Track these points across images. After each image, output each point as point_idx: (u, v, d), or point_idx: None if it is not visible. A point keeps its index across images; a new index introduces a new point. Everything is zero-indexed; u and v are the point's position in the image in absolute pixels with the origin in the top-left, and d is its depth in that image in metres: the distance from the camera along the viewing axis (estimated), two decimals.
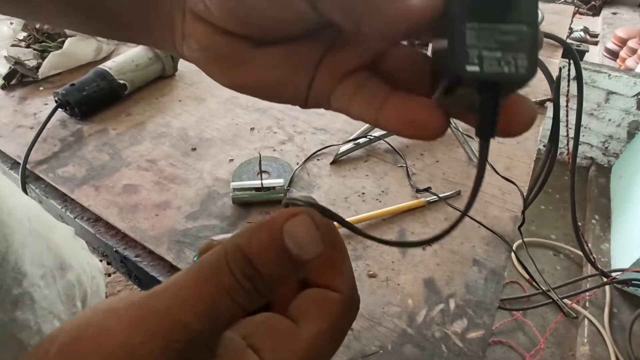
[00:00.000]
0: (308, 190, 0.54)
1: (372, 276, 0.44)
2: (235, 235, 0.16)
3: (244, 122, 0.65)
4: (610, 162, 1.99)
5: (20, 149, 0.59)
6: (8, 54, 0.72)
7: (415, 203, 0.51)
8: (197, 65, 0.21)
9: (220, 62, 0.20)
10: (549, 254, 1.65)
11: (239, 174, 0.56)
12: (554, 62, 0.83)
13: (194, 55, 0.21)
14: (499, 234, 0.49)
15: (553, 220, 1.79)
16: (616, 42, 2.34)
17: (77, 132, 0.63)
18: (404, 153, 0.61)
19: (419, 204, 0.51)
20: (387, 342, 0.39)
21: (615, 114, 1.87)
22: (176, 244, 0.47)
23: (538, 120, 0.69)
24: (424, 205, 0.52)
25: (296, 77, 0.20)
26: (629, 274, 1.29)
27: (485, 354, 0.38)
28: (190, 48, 0.21)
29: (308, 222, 0.16)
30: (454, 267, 0.45)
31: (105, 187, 0.54)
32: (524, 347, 1.32)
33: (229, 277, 0.14)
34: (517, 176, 0.56)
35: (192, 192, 0.53)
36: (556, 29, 0.95)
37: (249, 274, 0.15)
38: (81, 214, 0.51)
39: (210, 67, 0.20)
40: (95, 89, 0.65)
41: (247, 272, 0.15)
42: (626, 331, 1.26)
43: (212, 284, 0.14)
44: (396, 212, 0.51)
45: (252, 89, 0.20)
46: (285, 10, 0.17)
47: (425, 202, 0.52)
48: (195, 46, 0.20)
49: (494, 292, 0.43)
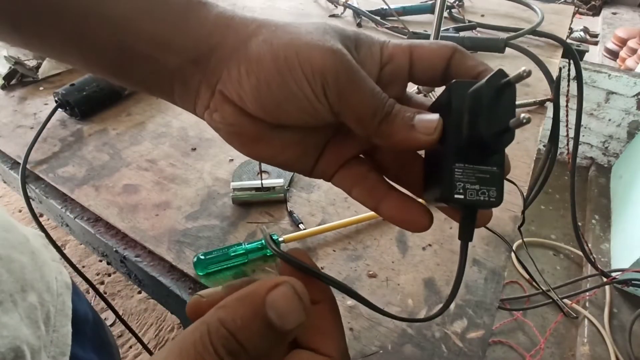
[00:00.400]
0: (308, 190, 0.54)
1: (372, 276, 0.44)
2: (218, 308, 0.16)
3: None
4: (610, 162, 1.99)
5: (20, 149, 0.59)
6: (8, 54, 0.72)
7: None
8: (217, 133, 0.24)
9: (241, 137, 0.23)
10: (549, 254, 1.65)
11: (239, 174, 0.56)
12: (554, 62, 0.83)
13: (216, 125, 0.24)
14: (499, 234, 0.49)
15: (553, 220, 1.79)
16: (616, 42, 2.34)
17: (77, 132, 0.63)
18: None
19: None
20: (387, 342, 0.39)
21: (615, 114, 1.87)
22: (176, 244, 0.47)
23: (538, 120, 0.69)
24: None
25: (304, 157, 0.24)
26: (629, 274, 1.29)
27: (485, 354, 0.38)
28: (213, 120, 0.23)
29: (289, 293, 0.16)
30: (454, 267, 0.45)
31: (105, 187, 0.54)
32: (524, 347, 1.32)
33: (213, 357, 0.14)
34: (517, 176, 0.56)
35: (192, 192, 0.53)
36: (556, 29, 0.95)
37: (234, 349, 0.15)
38: (81, 214, 0.51)
39: (231, 139, 0.24)
40: (95, 89, 0.65)
41: (231, 349, 0.15)
42: (626, 331, 1.26)
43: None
44: None
45: (266, 161, 0.24)
46: (313, 117, 0.21)
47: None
48: (219, 119, 0.23)
49: (494, 292, 0.43)
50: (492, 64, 0.88)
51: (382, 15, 1.01)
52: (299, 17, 1.05)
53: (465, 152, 0.19)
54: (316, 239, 0.48)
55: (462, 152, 0.19)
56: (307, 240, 0.48)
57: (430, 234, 0.49)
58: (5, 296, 0.28)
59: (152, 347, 1.34)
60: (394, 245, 0.47)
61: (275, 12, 1.07)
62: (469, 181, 0.19)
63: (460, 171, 0.19)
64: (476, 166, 0.19)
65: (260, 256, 0.44)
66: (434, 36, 0.58)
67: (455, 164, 0.19)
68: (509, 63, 0.84)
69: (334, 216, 0.50)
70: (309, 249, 0.47)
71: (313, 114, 0.21)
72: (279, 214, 0.51)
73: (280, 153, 0.24)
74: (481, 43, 0.85)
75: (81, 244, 0.53)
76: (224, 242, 0.47)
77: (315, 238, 0.48)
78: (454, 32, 0.91)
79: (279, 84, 0.20)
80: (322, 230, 0.47)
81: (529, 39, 0.91)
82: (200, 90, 0.23)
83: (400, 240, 0.48)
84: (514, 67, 0.83)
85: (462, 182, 0.19)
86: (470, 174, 0.19)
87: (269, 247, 0.23)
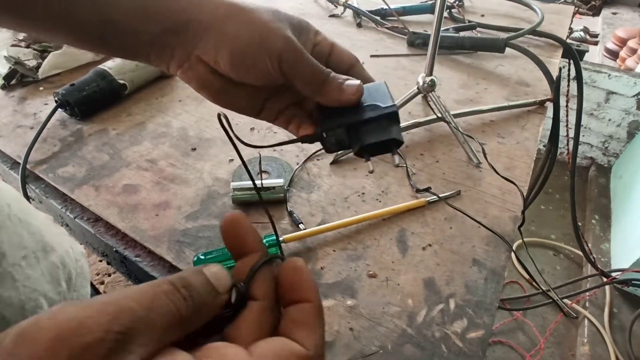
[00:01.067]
0: (308, 190, 0.54)
1: (372, 276, 0.44)
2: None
3: (244, 122, 0.65)
4: (610, 162, 1.99)
5: (20, 149, 0.59)
6: (8, 54, 0.72)
7: (415, 203, 0.51)
8: (189, 85, 0.31)
9: (207, 89, 0.31)
10: (549, 254, 1.65)
11: (239, 174, 0.56)
12: (554, 62, 0.83)
13: (189, 80, 0.31)
14: (499, 234, 0.49)
15: (553, 220, 1.79)
16: (616, 42, 2.34)
17: (77, 132, 0.63)
18: (404, 153, 0.61)
19: (419, 203, 0.51)
20: (387, 342, 0.39)
21: (615, 114, 1.87)
22: (176, 244, 0.47)
23: (538, 120, 0.69)
24: (424, 205, 0.52)
25: (255, 105, 0.33)
26: (629, 274, 1.29)
27: (485, 354, 0.38)
28: (187, 76, 0.31)
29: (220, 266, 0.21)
30: (454, 267, 0.45)
31: (105, 187, 0.54)
32: (524, 347, 1.32)
33: (168, 285, 0.19)
34: (517, 176, 0.56)
35: (192, 192, 0.53)
36: (556, 29, 0.95)
37: (184, 284, 0.19)
38: (81, 214, 0.51)
39: (200, 90, 0.31)
40: (95, 89, 0.65)
41: (182, 283, 0.19)
42: (626, 331, 1.26)
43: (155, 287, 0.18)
44: (396, 212, 0.51)
45: (225, 107, 0.32)
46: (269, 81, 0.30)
47: (425, 202, 0.52)
48: (192, 75, 0.30)
49: (494, 292, 0.43)
50: (492, 63, 0.88)
51: (382, 15, 1.01)
52: (299, 17, 1.05)
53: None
54: (316, 239, 0.48)
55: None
56: (307, 240, 0.48)
57: (430, 234, 0.49)
58: (28, 252, 0.32)
59: None
60: (394, 245, 0.47)
61: None
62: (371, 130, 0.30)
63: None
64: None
65: None
66: (434, 36, 0.58)
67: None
68: (509, 63, 0.84)
69: (334, 216, 0.50)
70: (309, 249, 0.47)
71: (269, 79, 0.30)
72: (279, 214, 0.51)
73: (238, 102, 0.32)
74: (481, 43, 0.85)
75: (81, 244, 0.53)
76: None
77: (315, 238, 0.48)
78: (454, 32, 0.90)
79: (249, 57, 0.28)
80: (322, 230, 0.47)
81: (529, 39, 0.91)
82: (175, 53, 0.29)
83: (400, 240, 0.48)
84: (514, 67, 0.83)
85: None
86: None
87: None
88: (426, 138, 0.64)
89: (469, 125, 0.67)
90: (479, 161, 0.59)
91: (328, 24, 1.01)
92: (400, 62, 0.85)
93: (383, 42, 0.93)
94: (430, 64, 0.61)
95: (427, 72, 0.62)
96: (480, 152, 0.59)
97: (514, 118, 0.69)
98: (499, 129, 0.66)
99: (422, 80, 0.63)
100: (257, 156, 0.58)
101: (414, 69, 0.83)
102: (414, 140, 0.64)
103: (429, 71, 0.62)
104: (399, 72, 0.82)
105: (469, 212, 0.51)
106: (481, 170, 0.58)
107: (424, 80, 0.62)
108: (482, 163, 0.59)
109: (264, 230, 0.48)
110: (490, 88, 0.77)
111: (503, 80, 0.79)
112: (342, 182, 0.56)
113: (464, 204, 0.53)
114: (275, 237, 0.41)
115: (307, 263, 0.45)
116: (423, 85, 0.63)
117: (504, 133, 0.65)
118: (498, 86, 0.77)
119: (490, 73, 0.82)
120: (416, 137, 0.64)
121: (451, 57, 0.87)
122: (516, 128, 0.67)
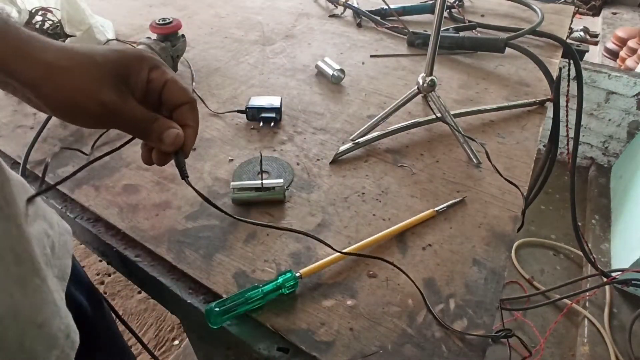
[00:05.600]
0: (308, 190, 0.54)
1: (372, 276, 0.44)
2: None
3: (244, 122, 0.65)
4: (610, 162, 1.99)
5: (20, 149, 0.59)
6: None
7: (426, 215, 0.50)
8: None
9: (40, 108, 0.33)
10: (549, 254, 1.65)
11: (239, 174, 0.56)
12: (554, 62, 0.83)
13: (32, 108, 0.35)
14: (499, 234, 0.49)
15: (553, 220, 1.79)
16: (616, 42, 2.34)
17: (77, 132, 0.63)
18: (404, 153, 0.61)
19: (430, 215, 0.50)
20: (387, 342, 0.39)
21: (615, 114, 1.87)
22: (176, 244, 0.47)
23: (538, 120, 0.69)
24: (434, 215, 0.51)
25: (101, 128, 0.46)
26: (629, 274, 1.29)
27: (485, 354, 0.38)
28: (30, 105, 0.33)
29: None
30: (454, 267, 0.45)
31: (105, 187, 0.54)
32: (524, 347, 1.31)
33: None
34: (517, 176, 0.56)
35: (192, 192, 0.53)
36: (556, 29, 0.95)
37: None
38: (81, 214, 0.51)
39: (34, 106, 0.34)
40: None
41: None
42: (626, 331, 1.26)
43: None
44: (409, 227, 0.49)
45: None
46: (99, 127, 0.36)
47: (435, 212, 0.51)
48: (35, 105, 0.32)
49: (494, 292, 0.43)
50: (492, 63, 0.88)
51: (382, 15, 1.01)
52: (299, 17, 1.05)
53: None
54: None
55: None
56: (308, 240, 0.47)
57: (430, 234, 0.49)
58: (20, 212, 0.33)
59: (152, 347, 1.34)
60: (394, 245, 0.47)
61: (275, 12, 1.07)
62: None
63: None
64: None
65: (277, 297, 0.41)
66: (434, 36, 0.58)
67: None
68: (509, 63, 0.84)
69: (333, 216, 0.50)
70: (309, 248, 0.47)
71: (98, 127, 0.36)
72: (279, 214, 0.51)
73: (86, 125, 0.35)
74: (481, 43, 0.85)
75: (81, 244, 0.53)
76: (223, 242, 0.47)
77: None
78: (454, 32, 0.90)
79: (69, 117, 0.31)
80: (336, 260, 0.45)
81: (529, 39, 0.91)
82: (15, 90, 0.31)
83: (400, 240, 0.48)
84: (514, 67, 0.83)
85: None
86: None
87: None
88: (426, 138, 0.64)
89: (469, 125, 0.67)
90: (479, 161, 0.59)
91: (328, 24, 1.01)
92: (400, 62, 0.85)
93: (383, 42, 0.93)
94: (430, 64, 0.61)
95: (427, 72, 0.62)
96: (481, 152, 0.59)
97: (514, 118, 0.69)
98: (499, 129, 0.66)
99: (422, 80, 0.63)
100: (257, 156, 0.58)
101: (414, 69, 0.83)
102: (414, 140, 0.64)
103: (429, 71, 0.62)
104: (399, 72, 0.82)
105: (469, 212, 0.51)
106: (481, 170, 0.58)
107: (424, 80, 0.62)
108: (482, 163, 0.59)
109: (261, 245, 0.48)
110: (490, 88, 0.77)
111: (503, 80, 0.79)
112: (342, 182, 0.55)
113: (464, 204, 0.53)
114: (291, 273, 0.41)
115: (308, 263, 0.45)
116: (423, 85, 0.63)
117: (504, 133, 0.65)
118: (498, 86, 0.77)
119: (490, 73, 0.82)
120: (416, 137, 0.64)
121: (451, 57, 0.87)
122: (516, 128, 0.67)
